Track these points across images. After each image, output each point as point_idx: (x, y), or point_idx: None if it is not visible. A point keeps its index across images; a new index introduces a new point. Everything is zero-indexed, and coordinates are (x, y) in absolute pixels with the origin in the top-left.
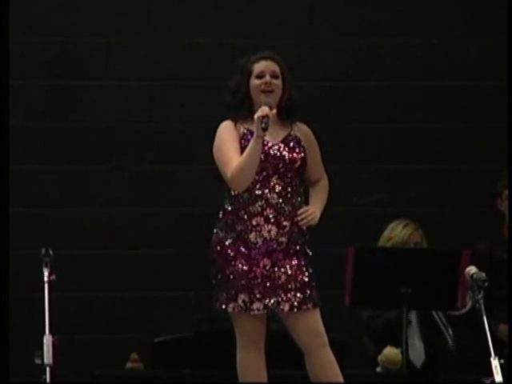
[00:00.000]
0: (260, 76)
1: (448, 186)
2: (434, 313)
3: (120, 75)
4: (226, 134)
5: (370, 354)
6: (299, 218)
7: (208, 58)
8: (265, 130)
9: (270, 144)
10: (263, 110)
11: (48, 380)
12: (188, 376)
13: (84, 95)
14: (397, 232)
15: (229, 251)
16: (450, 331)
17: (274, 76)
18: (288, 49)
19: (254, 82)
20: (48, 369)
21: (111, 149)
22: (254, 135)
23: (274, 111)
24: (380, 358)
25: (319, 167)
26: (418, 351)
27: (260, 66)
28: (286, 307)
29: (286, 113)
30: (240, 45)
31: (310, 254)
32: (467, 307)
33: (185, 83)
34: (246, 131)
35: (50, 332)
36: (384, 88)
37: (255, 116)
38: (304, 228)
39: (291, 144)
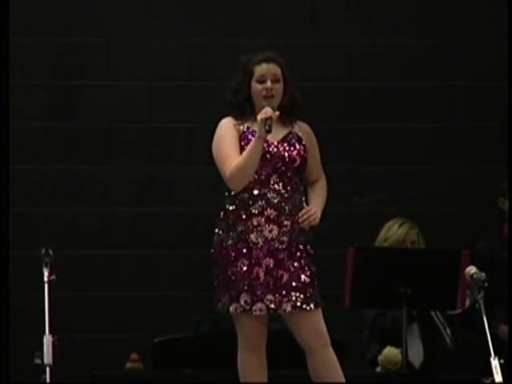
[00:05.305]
0: (261, 80)
1: (448, 186)
2: (432, 311)
3: (120, 75)
4: (226, 132)
5: (371, 353)
6: (300, 220)
7: (208, 58)
8: (268, 132)
9: (269, 142)
10: (266, 112)
11: (48, 380)
12: (188, 376)
13: (84, 95)
14: (393, 231)
15: (230, 252)
16: (448, 331)
17: (275, 80)
18: (288, 49)
19: (256, 86)
20: (48, 369)
21: (111, 149)
22: (256, 136)
23: (277, 113)
24: (380, 358)
25: (318, 167)
26: (416, 351)
27: (261, 70)
28: (289, 307)
29: (287, 112)
30: (240, 45)
31: (312, 252)
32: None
33: (185, 83)
34: (245, 129)
35: (50, 332)
36: (384, 88)
37: (258, 118)
38: (306, 227)
39: (291, 142)
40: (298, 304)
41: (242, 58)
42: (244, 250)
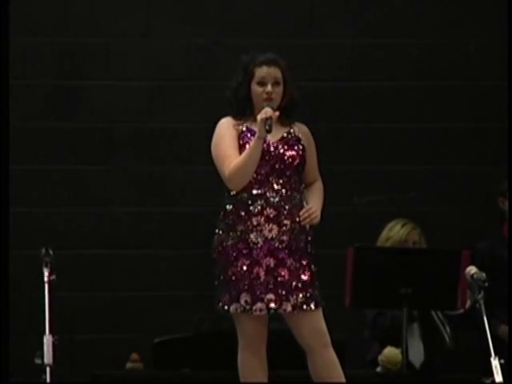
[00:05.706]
0: (262, 83)
1: (448, 186)
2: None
3: (120, 75)
4: (225, 131)
5: (371, 353)
6: (301, 218)
7: (208, 58)
8: (268, 132)
9: (268, 142)
10: (267, 112)
11: (48, 380)
12: (188, 376)
13: (84, 95)
14: (395, 232)
15: (230, 252)
16: (448, 328)
17: (275, 83)
18: (288, 49)
19: (256, 88)
20: (48, 369)
21: (111, 149)
22: (256, 136)
23: (277, 113)
24: (380, 358)
25: (315, 169)
26: (417, 351)
27: (262, 72)
28: (289, 307)
29: (286, 112)
30: (240, 45)
31: (312, 252)
32: (465, 306)
33: (185, 83)
34: (245, 129)
35: (50, 332)
36: (384, 88)
37: (258, 118)
38: (307, 227)
39: (290, 142)
40: (299, 304)
41: (243, 57)
42: (244, 250)
